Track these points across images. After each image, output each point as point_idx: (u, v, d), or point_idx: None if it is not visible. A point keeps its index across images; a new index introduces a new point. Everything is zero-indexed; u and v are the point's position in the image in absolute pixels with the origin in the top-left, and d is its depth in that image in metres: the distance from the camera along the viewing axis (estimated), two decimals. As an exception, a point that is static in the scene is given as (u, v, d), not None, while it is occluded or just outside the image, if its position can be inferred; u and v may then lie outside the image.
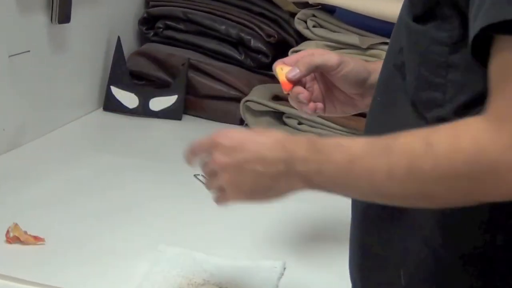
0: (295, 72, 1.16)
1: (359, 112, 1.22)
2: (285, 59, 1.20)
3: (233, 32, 1.98)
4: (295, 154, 0.89)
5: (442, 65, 0.86)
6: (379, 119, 0.98)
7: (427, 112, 0.88)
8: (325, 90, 1.21)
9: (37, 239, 1.23)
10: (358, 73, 1.16)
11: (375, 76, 1.11)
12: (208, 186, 1.00)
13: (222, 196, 0.98)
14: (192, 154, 1.01)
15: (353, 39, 1.80)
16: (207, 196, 1.47)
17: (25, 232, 1.23)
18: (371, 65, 1.18)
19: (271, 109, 1.82)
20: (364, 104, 1.17)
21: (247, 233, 1.33)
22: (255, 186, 0.93)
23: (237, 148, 0.93)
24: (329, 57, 1.17)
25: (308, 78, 1.20)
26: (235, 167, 0.93)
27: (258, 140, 0.92)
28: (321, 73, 1.20)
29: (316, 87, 1.21)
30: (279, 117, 1.84)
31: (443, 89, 0.87)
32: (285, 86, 1.17)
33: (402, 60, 0.93)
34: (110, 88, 1.91)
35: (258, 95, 1.84)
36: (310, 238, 1.33)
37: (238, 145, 0.93)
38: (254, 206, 1.41)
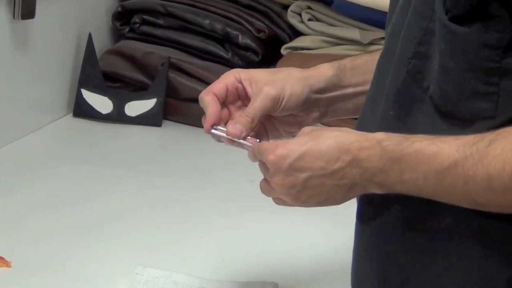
0: (239, 130, 1.10)
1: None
2: (214, 88, 1.15)
3: (218, 27, 1.98)
4: (369, 165, 0.91)
5: (494, 71, 0.87)
6: None
7: (471, 124, 0.89)
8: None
9: (3, 261, 1.23)
10: (297, 97, 1.11)
11: (319, 85, 1.11)
12: (266, 195, 1.01)
13: (283, 203, 1.00)
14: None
15: (353, 33, 1.82)
16: (187, 210, 1.51)
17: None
18: (312, 72, 1.13)
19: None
20: (311, 119, 1.15)
21: (234, 251, 1.34)
22: (326, 197, 0.96)
23: (298, 167, 0.94)
24: (265, 100, 1.09)
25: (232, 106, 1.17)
26: (298, 186, 0.95)
27: (319, 151, 0.93)
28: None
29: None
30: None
31: (495, 98, 0.87)
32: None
33: (418, 66, 0.93)
34: (80, 91, 1.90)
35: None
36: (304, 257, 1.34)
37: (297, 164, 0.94)
38: (241, 221, 1.45)
